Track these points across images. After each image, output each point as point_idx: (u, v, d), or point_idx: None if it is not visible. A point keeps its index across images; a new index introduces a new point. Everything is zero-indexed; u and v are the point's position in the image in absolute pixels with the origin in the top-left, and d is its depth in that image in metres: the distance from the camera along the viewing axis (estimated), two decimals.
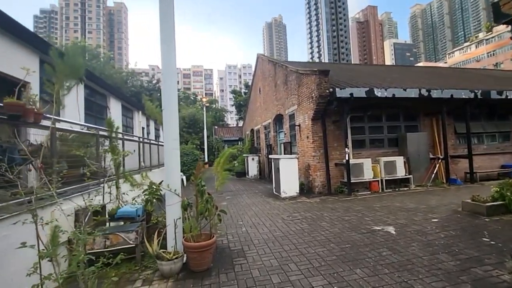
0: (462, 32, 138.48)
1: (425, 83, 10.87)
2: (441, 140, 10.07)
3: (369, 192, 8.75)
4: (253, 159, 16.04)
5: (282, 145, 13.15)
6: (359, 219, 5.72)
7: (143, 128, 15.62)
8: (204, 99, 31.02)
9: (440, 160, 9.57)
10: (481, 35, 72.55)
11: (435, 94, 9.06)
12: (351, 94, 8.20)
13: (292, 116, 11.10)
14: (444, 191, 8.49)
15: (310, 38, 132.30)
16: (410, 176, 9.22)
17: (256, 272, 3.51)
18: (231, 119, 63.86)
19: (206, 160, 28.19)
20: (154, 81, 38.39)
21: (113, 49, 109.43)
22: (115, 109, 11.30)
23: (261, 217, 6.43)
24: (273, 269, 3.57)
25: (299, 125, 10.12)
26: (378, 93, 8.50)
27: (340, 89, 8.20)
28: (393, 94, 8.65)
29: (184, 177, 13.85)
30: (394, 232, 4.77)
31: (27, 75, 2.67)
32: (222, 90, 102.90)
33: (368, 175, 8.81)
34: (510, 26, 3.54)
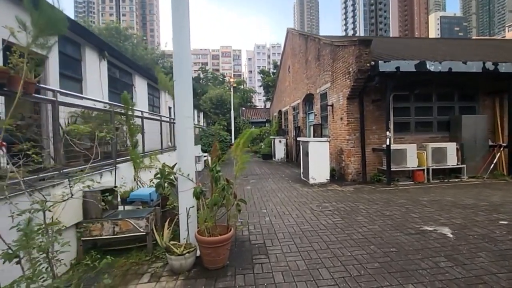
0: None
1: (487, 56, 9.07)
2: (505, 125, 8.47)
3: (412, 183, 7.68)
4: (280, 141, 15.32)
5: (312, 127, 12.22)
6: (404, 215, 4.86)
7: (170, 108, 15.52)
8: (231, 79, 30.36)
9: (502, 148, 8.06)
10: None
11: (503, 68, 7.45)
12: (397, 68, 6.98)
13: (324, 96, 10.06)
14: (507, 185, 7.14)
15: (345, 12, 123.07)
16: (463, 165, 7.91)
17: (279, 277, 2.93)
18: (259, 100, 62.89)
19: (233, 141, 28.10)
20: None
21: (145, 31, 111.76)
22: (140, 88, 11.12)
23: (287, 206, 5.82)
24: (299, 274, 2.96)
25: (331, 105, 9.11)
26: (431, 66, 7.15)
27: (384, 62, 7.00)
28: (450, 68, 7.24)
29: (209, 158, 13.65)
30: (451, 235, 3.89)
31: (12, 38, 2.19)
32: (250, 71, 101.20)
33: (411, 163, 7.70)
34: None
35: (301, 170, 9.03)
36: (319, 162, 7.99)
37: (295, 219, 4.88)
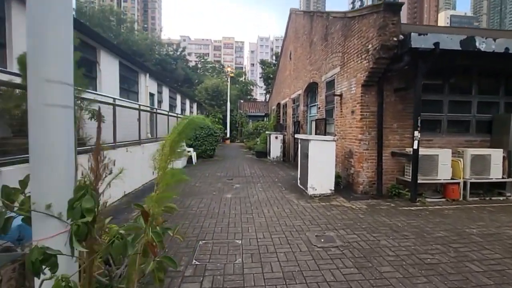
0: None
1: None
2: None
3: (443, 200, 5.82)
4: (276, 137, 13.44)
5: (313, 123, 10.33)
6: (458, 266, 3.01)
7: (151, 95, 13.62)
8: (228, 69, 28.33)
9: None
10: None
11: None
12: (436, 44, 5.05)
13: (330, 84, 8.15)
14: None
15: (352, 8, 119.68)
16: (510, 179, 6.05)
17: None
18: (260, 95, 60.77)
19: (228, 135, 26.20)
20: (180, 50, 36.27)
21: (147, 19, 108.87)
22: (108, 66, 9.21)
23: (274, 233, 3.99)
24: None
25: (340, 95, 7.21)
26: (482, 44, 5.23)
27: (419, 34, 5.08)
28: (507, 48, 5.32)
29: (194, 154, 11.81)
30: None
31: None
32: (252, 64, 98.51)
33: (444, 174, 5.84)
34: None
35: (298, 175, 7.19)
36: (321, 167, 6.14)
37: (282, 266, 3.04)
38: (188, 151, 11.62)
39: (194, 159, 11.64)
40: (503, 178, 6.03)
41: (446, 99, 6.52)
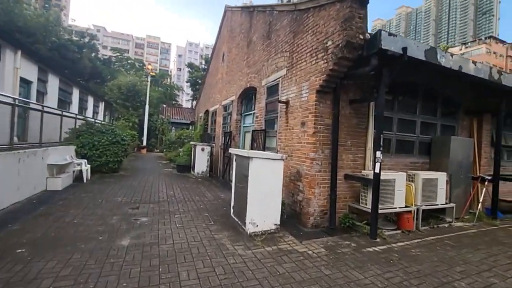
0: (445, 42, 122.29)
1: None
2: (482, 152, 6.97)
3: (399, 232, 5.02)
4: (203, 149, 11.40)
5: (248, 135, 8.87)
6: None
7: (26, 82, 9.65)
8: (149, 66, 24.72)
9: (486, 182, 6.36)
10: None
11: (505, 79, 5.71)
12: (405, 49, 4.24)
13: (273, 89, 6.83)
14: None
15: None
16: (452, 205, 5.79)
17: None
18: (186, 101, 57.23)
19: (145, 143, 22.45)
20: (88, 37, 30.14)
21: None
22: None
23: None
24: None
25: (286, 102, 5.90)
26: (442, 59, 4.73)
27: (389, 35, 4.17)
28: (460, 67, 4.99)
29: (87, 168, 8.59)
30: None
31: None
32: (179, 69, 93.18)
33: (399, 201, 5.07)
34: None
35: (232, 202, 5.42)
36: (265, 194, 4.55)
37: None
38: (78, 164, 8.37)
39: (86, 175, 8.43)
40: (446, 203, 5.73)
41: (396, 117, 5.98)
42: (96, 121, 12.54)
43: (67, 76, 13.63)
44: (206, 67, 29.57)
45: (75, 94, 14.64)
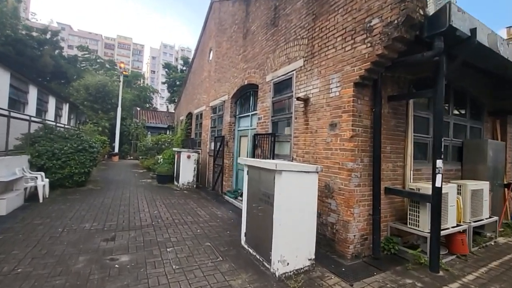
0: None
1: None
2: (507, 157, 6.39)
3: (452, 257, 4.07)
4: (188, 156, 9.94)
5: (246, 139, 7.69)
6: None
7: None
8: (122, 65, 22.52)
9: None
10: None
11: None
12: (473, 31, 3.34)
13: (283, 84, 5.71)
14: None
15: None
16: (495, 218, 5.02)
17: None
18: (160, 105, 54.45)
19: (117, 150, 20.22)
20: (50, 33, 27.08)
21: None
22: None
23: None
24: None
25: (305, 100, 4.79)
26: (501, 47, 3.91)
27: (458, 11, 3.24)
28: None
29: (44, 183, 6.81)
30: None
31: None
32: (153, 72, 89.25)
33: (451, 219, 4.15)
34: None
35: (244, 228, 4.16)
36: (298, 221, 3.37)
37: None
38: (32, 179, 6.59)
39: (43, 193, 6.66)
40: (490, 217, 4.94)
41: (432, 118, 5.12)
42: (58, 124, 10.56)
43: (21, 72, 11.46)
44: (184, 68, 27.88)
45: (32, 93, 12.42)
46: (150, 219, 5.61)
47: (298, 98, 4.80)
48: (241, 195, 7.81)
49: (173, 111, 30.89)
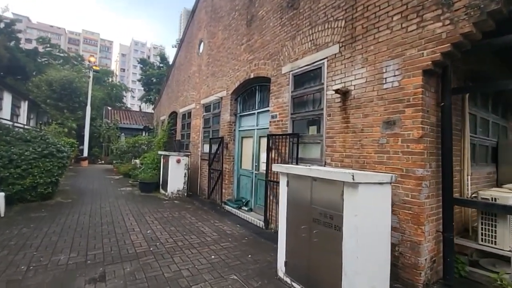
0: None
1: None
2: None
3: None
4: (178, 161, 8.70)
5: (250, 140, 6.78)
6: None
7: None
8: (91, 59, 20.26)
9: None
10: None
11: None
12: None
13: (308, 75, 4.86)
14: None
15: None
16: None
17: None
18: (132, 105, 51.20)
19: (86, 153, 18.08)
20: (3, 24, 23.80)
21: None
22: None
23: None
24: None
25: (345, 93, 3.98)
26: None
27: None
28: None
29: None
30: None
31: None
32: (123, 70, 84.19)
33: None
34: None
35: (284, 255, 3.21)
36: (373, 251, 2.52)
37: None
38: None
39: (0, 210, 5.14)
40: None
41: (478, 115, 4.58)
42: (17, 124, 8.76)
43: None
44: (161, 65, 26.09)
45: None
46: (145, 242, 4.43)
47: (337, 91, 3.97)
48: (246, 205, 6.84)
49: (149, 111, 28.83)
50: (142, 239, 4.55)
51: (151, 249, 4.15)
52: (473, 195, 3.63)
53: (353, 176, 2.33)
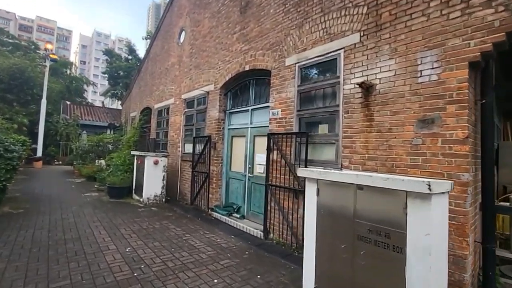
0: None
1: None
2: None
3: None
4: (156, 162, 7.70)
5: (243, 140, 6.14)
6: None
7: None
8: (48, 46, 17.85)
9: None
10: None
11: None
12: None
13: (319, 68, 4.36)
14: None
15: None
16: None
17: None
18: (93, 101, 47.20)
19: (40, 153, 15.90)
20: None
21: None
22: None
23: None
24: None
25: (369, 87, 3.53)
26: None
27: None
28: None
29: None
30: None
31: None
32: (83, 62, 77.43)
33: None
34: None
35: (312, 278, 2.63)
36: (437, 277, 2.05)
37: None
38: None
39: None
40: None
41: None
42: None
43: None
44: (130, 57, 24.13)
45: None
46: (126, 265, 3.56)
47: (361, 85, 3.50)
48: (237, 211, 6.16)
49: (114, 107, 26.53)
50: (121, 261, 3.66)
51: (135, 274, 3.30)
52: (501, 201, 3.40)
53: (429, 185, 1.82)
